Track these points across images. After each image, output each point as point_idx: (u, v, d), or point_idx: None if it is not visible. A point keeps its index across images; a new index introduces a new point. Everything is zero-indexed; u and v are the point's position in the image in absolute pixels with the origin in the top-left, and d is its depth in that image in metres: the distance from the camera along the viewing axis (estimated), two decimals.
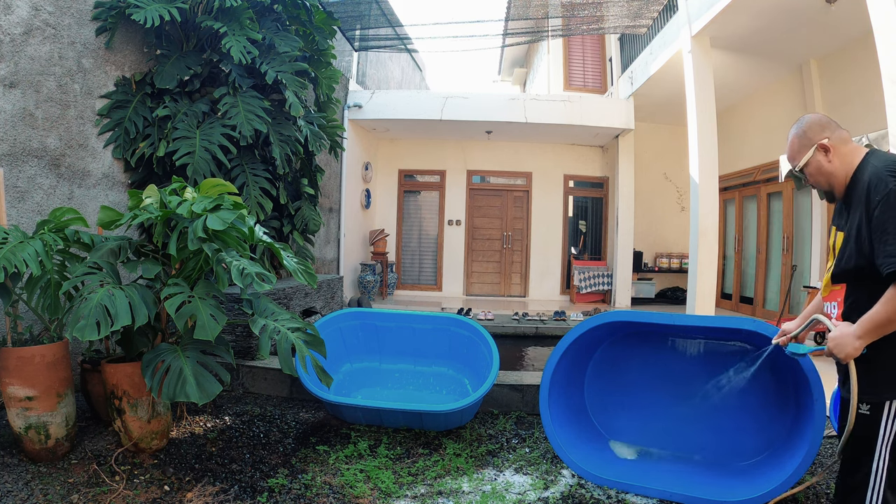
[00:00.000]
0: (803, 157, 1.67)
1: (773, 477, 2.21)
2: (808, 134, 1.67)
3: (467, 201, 9.83)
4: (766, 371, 2.54)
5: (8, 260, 2.14)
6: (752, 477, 2.38)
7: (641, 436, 2.80)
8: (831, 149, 1.62)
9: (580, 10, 6.80)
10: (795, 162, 1.71)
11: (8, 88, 2.99)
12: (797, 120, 1.74)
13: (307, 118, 4.79)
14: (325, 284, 5.07)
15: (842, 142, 1.64)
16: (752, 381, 2.56)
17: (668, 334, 2.80)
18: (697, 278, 5.92)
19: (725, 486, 2.36)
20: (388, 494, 2.30)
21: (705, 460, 2.62)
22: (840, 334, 1.53)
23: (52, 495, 2.10)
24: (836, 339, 1.53)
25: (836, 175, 1.63)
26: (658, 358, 2.85)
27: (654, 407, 2.81)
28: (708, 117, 5.97)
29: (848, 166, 1.61)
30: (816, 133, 1.65)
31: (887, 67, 3.38)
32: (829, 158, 1.63)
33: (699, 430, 2.69)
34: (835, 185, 1.65)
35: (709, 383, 2.68)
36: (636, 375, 2.88)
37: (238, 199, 2.57)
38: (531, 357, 5.53)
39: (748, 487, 2.26)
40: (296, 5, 4.53)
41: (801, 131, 1.69)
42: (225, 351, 2.52)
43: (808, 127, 1.67)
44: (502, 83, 16.50)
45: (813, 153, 1.65)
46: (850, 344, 1.49)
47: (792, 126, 1.74)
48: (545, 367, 2.65)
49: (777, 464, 2.32)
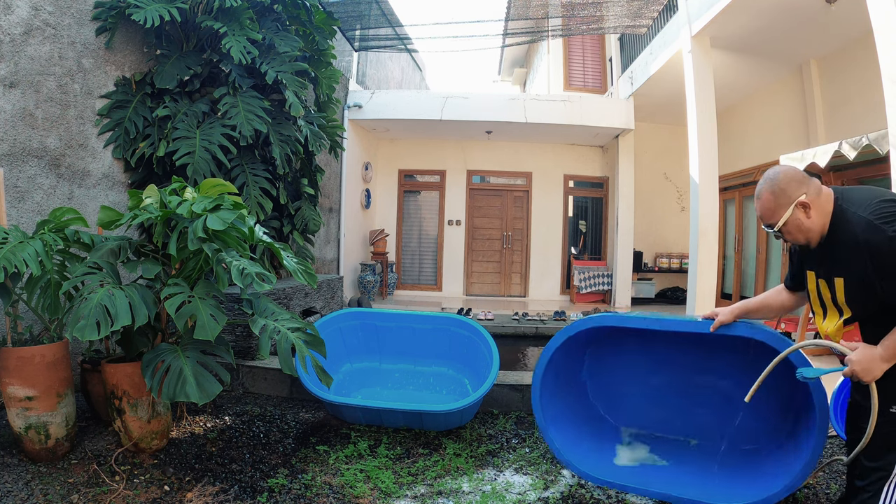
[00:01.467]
0: (783, 216, 1.63)
1: (774, 480, 2.20)
2: (787, 191, 1.62)
3: (467, 201, 9.83)
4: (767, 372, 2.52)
5: (8, 260, 2.14)
6: (752, 478, 2.37)
7: (639, 433, 2.79)
8: (810, 204, 1.60)
9: (580, 10, 6.81)
10: (774, 220, 1.66)
11: (8, 88, 2.99)
12: (766, 176, 1.68)
13: (307, 118, 4.79)
14: (325, 284, 5.07)
15: (817, 194, 1.62)
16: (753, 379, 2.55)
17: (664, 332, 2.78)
18: (697, 278, 5.92)
19: (726, 486, 2.35)
20: (388, 494, 2.30)
21: (705, 460, 2.61)
22: (864, 357, 1.56)
23: (52, 495, 2.10)
24: (863, 364, 1.55)
25: (813, 230, 1.62)
26: (655, 353, 2.82)
27: (652, 403, 2.81)
28: (708, 117, 5.97)
29: (824, 217, 1.61)
30: (795, 190, 1.61)
31: (887, 67, 3.38)
32: (808, 214, 1.61)
33: (698, 429, 2.68)
34: (812, 238, 1.64)
35: (709, 383, 2.67)
36: (633, 371, 2.86)
37: (238, 199, 2.57)
38: (531, 357, 5.53)
39: (748, 489, 2.25)
40: (296, 5, 4.53)
41: (777, 188, 1.63)
42: (225, 351, 2.52)
43: (785, 184, 1.62)
44: (502, 83, 16.50)
45: (792, 211, 1.61)
46: (878, 367, 1.53)
47: (762, 181, 1.68)
48: (534, 372, 2.63)
49: (779, 466, 2.32)
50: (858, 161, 4.32)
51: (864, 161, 4.55)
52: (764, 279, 7.44)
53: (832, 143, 4.14)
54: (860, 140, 3.82)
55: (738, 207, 8.18)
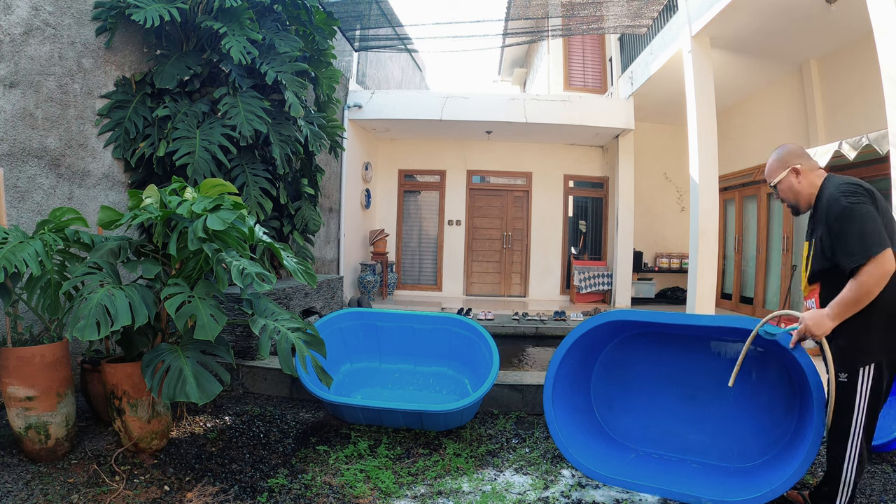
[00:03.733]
0: (778, 176, 2.11)
1: (774, 477, 2.21)
2: (784, 158, 2.10)
3: (467, 201, 9.83)
4: (772, 372, 2.54)
5: (8, 260, 2.14)
6: (754, 477, 2.38)
7: (646, 436, 2.79)
8: (801, 172, 2.05)
9: (580, 9, 6.80)
10: (771, 179, 2.15)
11: (8, 88, 2.99)
12: (777, 148, 2.16)
13: (307, 118, 4.79)
14: (325, 284, 5.07)
15: (810, 168, 2.06)
16: (759, 383, 2.58)
17: (672, 334, 2.79)
18: (697, 278, 5.92)
19: (728, 484, 2.36)
20: (388, 494, 2.30)
21: (709, 461, 2.61)
22: (814, 315, 1.94)
23: (52, 495, 2.10)
24: (813, 319, 1.93)
25: (802, 194, 2.07)
26: (665, 358, 2.83)
27: (660, 407, 2.80)
28: (708, 117, 5.97)
29: (811, 188, 2.04)
30: (792, 158, 2.09)
31: (887, 67, 3.38)
32: (798, 180, 2.06)
33: (704, 430, 2.69)
34: (800, 202, 2.09)
35: (715, 384, 2.68)
36: (642, 376, 2.87)
37: (238, 199, 2.57)
38: (531, 357, 5.53)
39: (750, 487, 2.26)
40: (296, 5, 4.53)
41: (780, 155, 2.12)
42: (225, 351, 2.52)
43: (786, 153, 2.11)
44: (502, 83, 16.49)
45: (786, 174, 2.08)
46: (825, 323, 1.89)
47: (773, 151, 2.16)
48: (549, 366, 2.64)
49: (780, 464, 2.33)
50: (858, 161, 4.33)
51: (864, 161, 4.55)
52: (764, 279, 7.44)
53: (832, 143, 4.14)
54: (860, 140, 3.82)
55: (738, 207, 8.18)
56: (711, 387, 2.69)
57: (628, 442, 2.80)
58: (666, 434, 2.75)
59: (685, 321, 2.63)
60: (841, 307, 1.85)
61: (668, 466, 2.61)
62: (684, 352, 2.79)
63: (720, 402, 2.67)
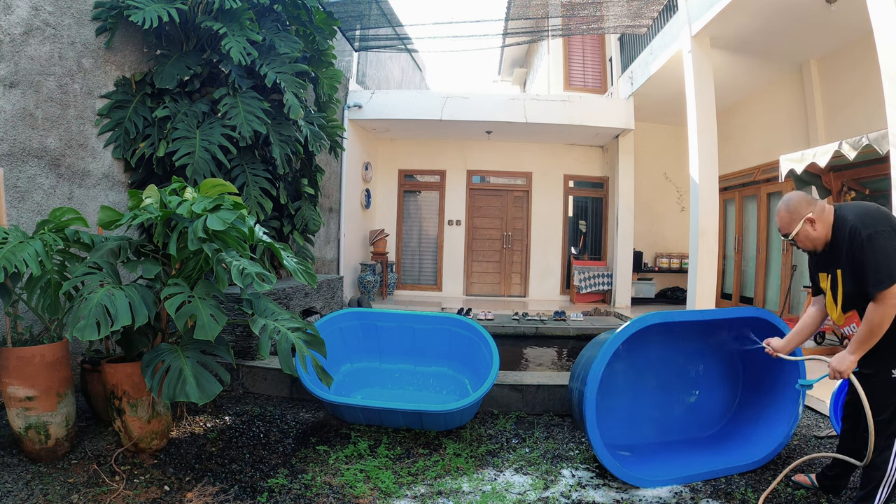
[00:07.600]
0: (794, 228, 2.14)
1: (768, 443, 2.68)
2: (796, 209, 2.13)
3: (467, 201, 9.82)
4: (718, 357, 3.05)
5: (8, 260, 2.14)
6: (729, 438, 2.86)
7: (634, 433, 2.93)
8: (815, 220, 2.09)
9: (580, 9, 6.80)
10: (788, 231, 2.17)
11: (8, 88, 2.99)
12: (783, 199, 2.20)
13: (307, 118, 4.79)
14: (325, 284, 5.07)
15: (821, 212, 2.10)
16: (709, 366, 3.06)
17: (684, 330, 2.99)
18: (697, 278, 5.92)
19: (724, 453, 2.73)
20: (388, 494, 2.31)
21: (689, 436, 2.95)
22: (837, 358, 2.05)
23: (52, 495, 2.10)
24: (836, 361, 2.04)
25: (819, 239, 2.12)
26: (647, 357, 3.00)
27: (642, 403, 3.00)
28: (708, 117, 5.96)
29: (827, 228, 2.10)
30: (804, 209, 2.12)
31: (887, 67, 3.38)
32: (814, 227, 2.10)
33: (678, 412, 3.02)
34: (818, 245, 2.14)
35: (692, 373, 3.05)
36: (626, 378, 3.00)
37: (238, 199, 2.57)
38: (531, 357, 5.53)
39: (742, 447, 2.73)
40: (296, 5, 4.53)
41: (789, 207, 2.15)
42: (225, 351, 2.52)
43: (795, 204, 2.14)
44: (502, 83, 16.50)
45: (802, 225, 2.12)
46: (848, 360, 1.99)
47: (780, 203, 2.21)
48: (588, 375, 2.45)
49: (744, 423, 2.90)
50: (858, 161, 4.32)
51: (864, 161, 4.54)
52: (764, 279, 7.44)
53: (832, 143, 4.13)
54: (860, 140, 3.81)
55: (738, 207, 8.18)
56: (679, 374, 3.03)
57: (619, 441, 2.85)
58: (651, 424, 2.98)
59: (709, 316, 2.76)
60: (858, 343, 1.97)
61: (669, 452, 2.79)
62: (668, 348, 3.02)
63: (688, 387, 3.06)
